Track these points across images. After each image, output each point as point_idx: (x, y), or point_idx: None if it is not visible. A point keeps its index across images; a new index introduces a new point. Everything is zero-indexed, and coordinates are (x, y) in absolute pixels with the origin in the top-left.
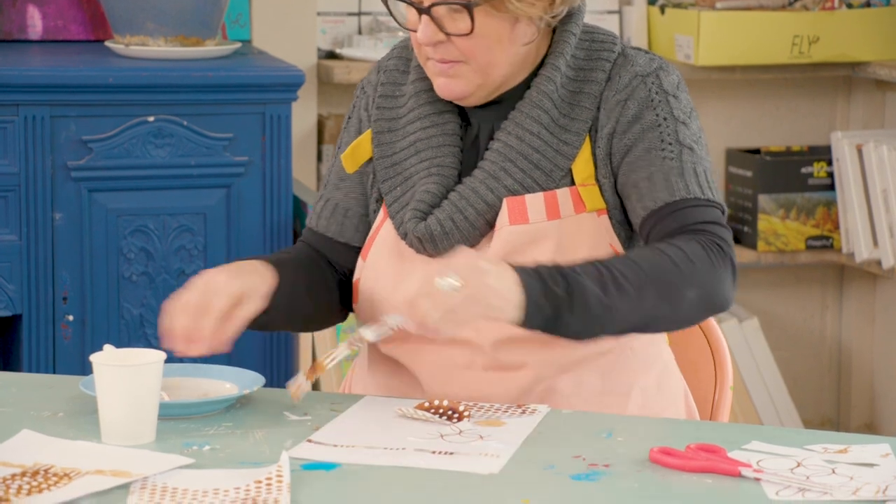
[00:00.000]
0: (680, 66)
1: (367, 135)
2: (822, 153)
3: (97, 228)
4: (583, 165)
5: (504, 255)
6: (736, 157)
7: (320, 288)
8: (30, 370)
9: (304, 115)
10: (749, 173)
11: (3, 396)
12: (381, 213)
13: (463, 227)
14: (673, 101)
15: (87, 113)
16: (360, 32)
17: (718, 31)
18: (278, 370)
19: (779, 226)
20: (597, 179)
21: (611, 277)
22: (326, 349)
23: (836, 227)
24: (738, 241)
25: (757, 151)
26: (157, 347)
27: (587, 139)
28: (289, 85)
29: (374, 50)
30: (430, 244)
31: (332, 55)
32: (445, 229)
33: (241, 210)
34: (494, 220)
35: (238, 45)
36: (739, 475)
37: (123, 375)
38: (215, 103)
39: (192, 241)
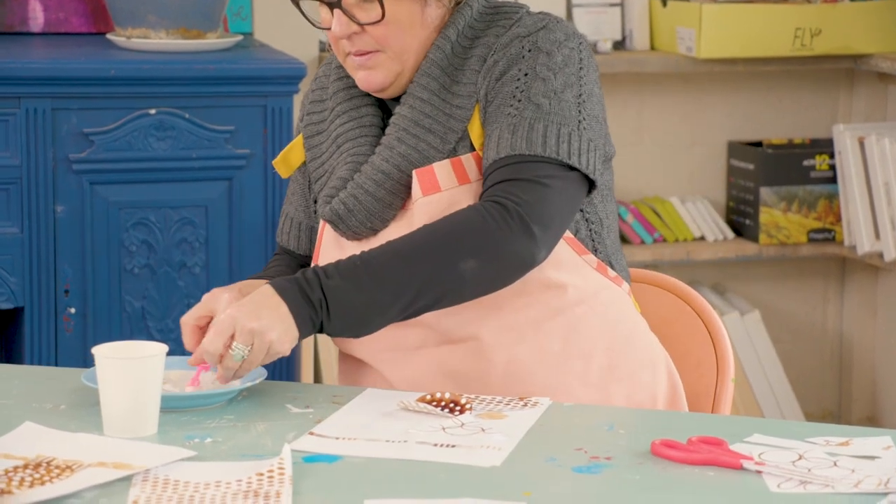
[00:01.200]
0: (682, 58)
1: (298, 140)
2: (824, 146)
3: (99, 221)
4: (479, 129)
5: (426, 218)
6: (738, 149)
7: None
8: (32, 363)
9: None
10: (751, 166)
11: (5, 389)
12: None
13: (365, 201)
14: (543, 56)
15: (89, 105)
16: None
17: (720, 23)
18: (280, 363)
19: (781, 219)
20: None
21: (365, 270)
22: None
23: (838, 219)
24: (740, 233)
25: (759, 144)
26: (159, 340)
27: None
28: (290, 77)
29: None
30: (342, 224)
31: None
32: (349, 206)
33: (243, 203)
34: (400, 191)
35: (239, 37)
36: (741, 468)
37: (125, 368)
38: (217, 96)
39: (193, 233)
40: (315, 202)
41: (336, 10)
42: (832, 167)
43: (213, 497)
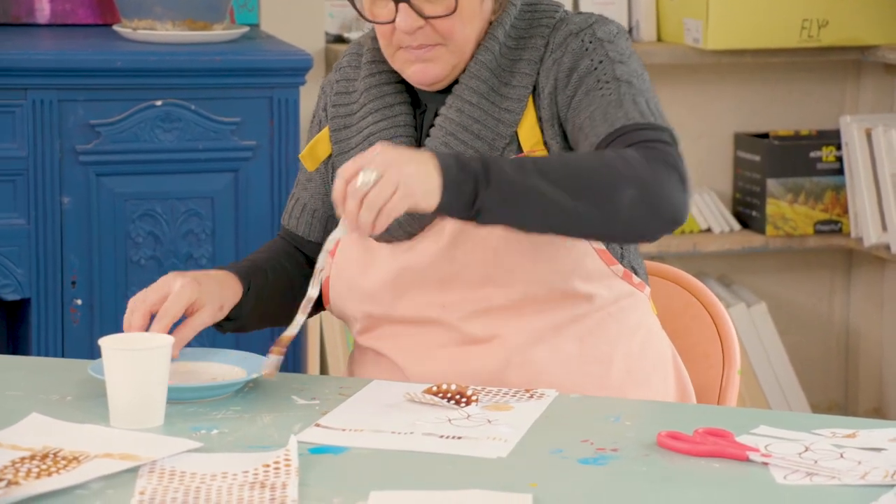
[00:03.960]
0: (689, 50)
1: (324, 132)
2: (831, 137)
3: (105, 212)
4: (529, 131)
5: (460, 230)
6: (744, 141)
7: (296, 285)
8: (38, 354)
9: (311, 99)
10: (757, 157)
11: (11, 380)
12: None
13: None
14: (608, 45)
15: (95, 97)
16: None
17: (727, 14)
18: (286, 355)
19: (787, 210)
20: (545, 143)
21: (532, 164)
22: (333, 333)
23: (845, 211)
24: (746, 225)
25: (765, 136)
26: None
27: (530, 104)
28: (297, 69)
29: None
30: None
31: (340, 39)
32: None
33: (249, 194)
34: None
35: (246, 29)
36: (747, 459)
37: (132, 359)
38: (223, 87)
39: (200, 225)
40: None
41: (402, 4)
42: (839, 159)
43: (220, 488)
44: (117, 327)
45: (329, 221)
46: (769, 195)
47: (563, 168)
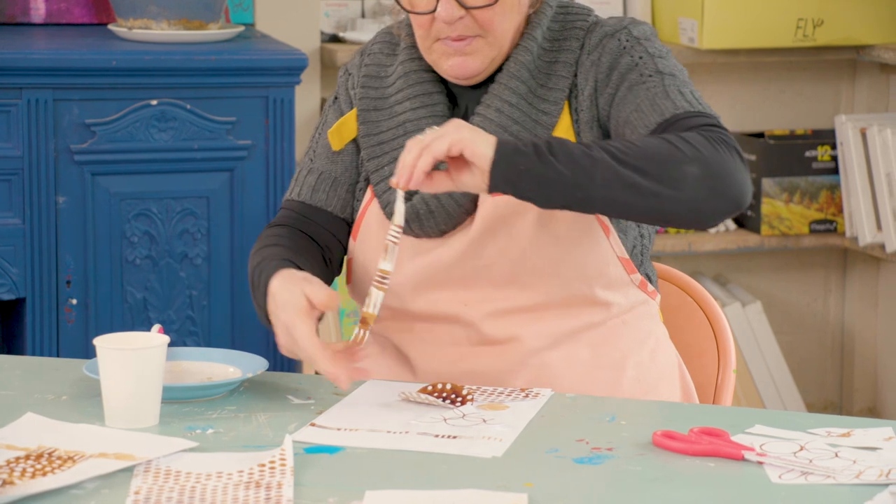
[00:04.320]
0: (684, 49)
1: (352, 113)
2: (826, 137)
3: (100, 212)
4: (564, 134)
5: (488, 229)
6: (740, 140)
7: (318, 273)
8: (33, 353)
9: (307, 98)
10: (753, 157)
11: (7, 379)
12: (368, 193)
13: (447, 203)
14: (646, 42)
15: (90, 96)
16: (363, 16)
17: (722, 13)
18: (281, 354)
19: (782, 210)
20: None
21: (596, 144)
22: (347, 327)
23: (840, 210)
24: (741, 224)
25: (761, 135)
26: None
27: (566, 108)
28: (292, 69)
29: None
30: (417, 224)
31: (335, 39)
32: (430, 208)
33: (245, 194)
34: (478, 197)
35: (241, 28)
36: (742, 459)
37: (127, 359)
38: (218, 87)
39: (195, 224)
40: (366, 181)
41: None
42: (834, 158)
43: (215, 488)
44: (112, 327)
45: (352, 197)
46: (764, 194)
47: (627, 146)
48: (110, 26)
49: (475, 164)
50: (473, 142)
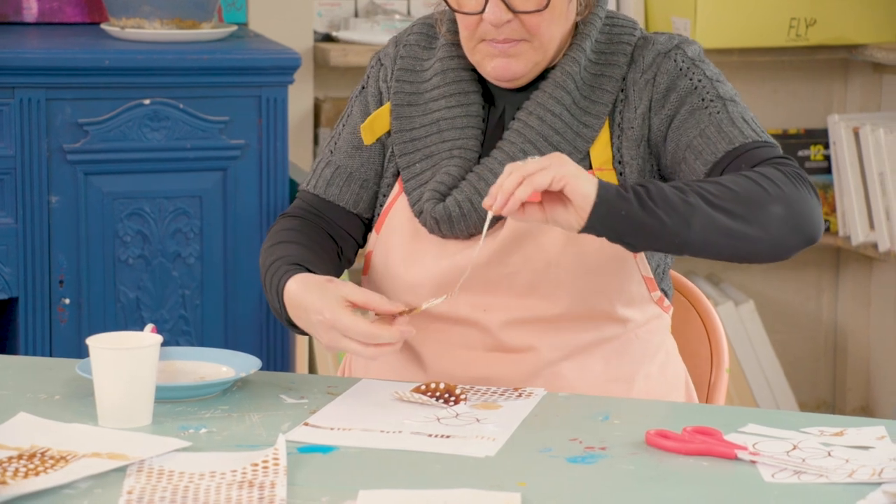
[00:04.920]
0: None
1: (385, 107)
2: (819, 136)
3: (93, 211)
4: (600, 150)
5: (516, 237)
6: None
7: (333, 262)
8: (26, 353)
9: (300, 98)
10: None
11: None
12: (396, 188)
13: (480, 208)
14: (702, 64)
15: (83, 96)
16: (356, 15)
17: (715, 13)
18: (275, 354)
19: None
20: (614, 166)
21: (687, 187)
22: None
23: (833, 210)
24: None
25: None
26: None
27: (606, 124)
28: (285, 68)
29: (370, 33)
30: (447, 225)
31: (328, 38)
32: (463, 211)
33: (238, 193)
34: None
35: (234, 27)
36: (735, 458)
37: (120, 358)
38: (211, 86)
39: (188, 224)
40: (394, 175)
41: None
42: (827, 157)
43: (208, 487)
44: (105, 326)
45: (373, 193)
46: None
47: (718, 189)
48: (103, 25)
49: (574, 203)
50: (577, 179)
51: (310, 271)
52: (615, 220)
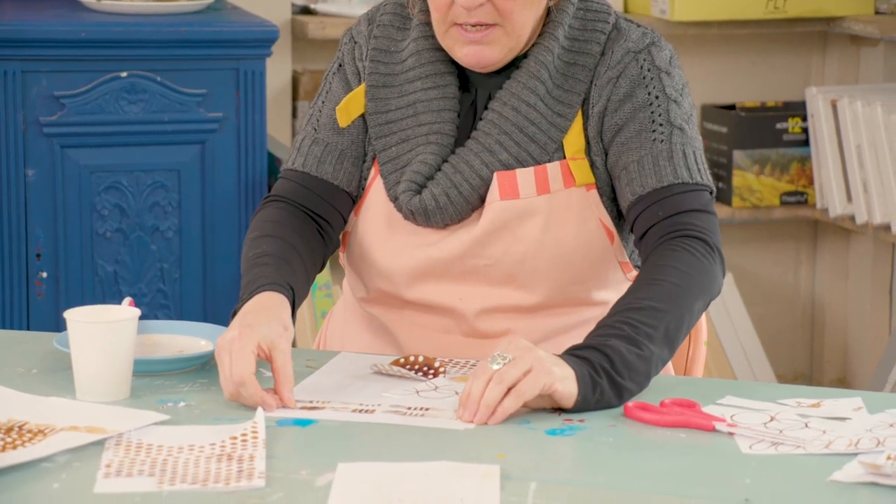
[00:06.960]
0: (655, 21)
1: (360, 88)
2: (797, 109)
3: (70, 185)
4: (574, 139)
5: (493, 230)
6: (711, 112)
7: (316, 258)
8: (3, 327)
9: (278, 70)
10: (724, 129)
11: None
12: (373, 171)
13: (457, 201)
14: (665, 77)
15: (60, 68)
16: None
17: None
18: None
19: (753, 181)
20: (587, 155)
21: (634, 332)
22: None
23: (811, 182)
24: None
25: (732, 107)
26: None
27: (579, 113)
28: (263, 41)
29: (348, 5)
30: (423, 217)
31: (306, 10)
32: (440, 204)
33: (216, 166)
34: (486, 194)
35: (211, 0)
36: (713, 430)
37: (98, 332)
38: (189, 59)
39: (166, 197)
40: (372, 158)
41: None
42: (805, 130)
43: (187, 461)
44: (83, 300)
45: (358, 166)
46: (735, 167)
47: (655, 317)
48: None
49: (557, 401)
50: (563, 383)
51: (288, 284)
52: (591, 405)
